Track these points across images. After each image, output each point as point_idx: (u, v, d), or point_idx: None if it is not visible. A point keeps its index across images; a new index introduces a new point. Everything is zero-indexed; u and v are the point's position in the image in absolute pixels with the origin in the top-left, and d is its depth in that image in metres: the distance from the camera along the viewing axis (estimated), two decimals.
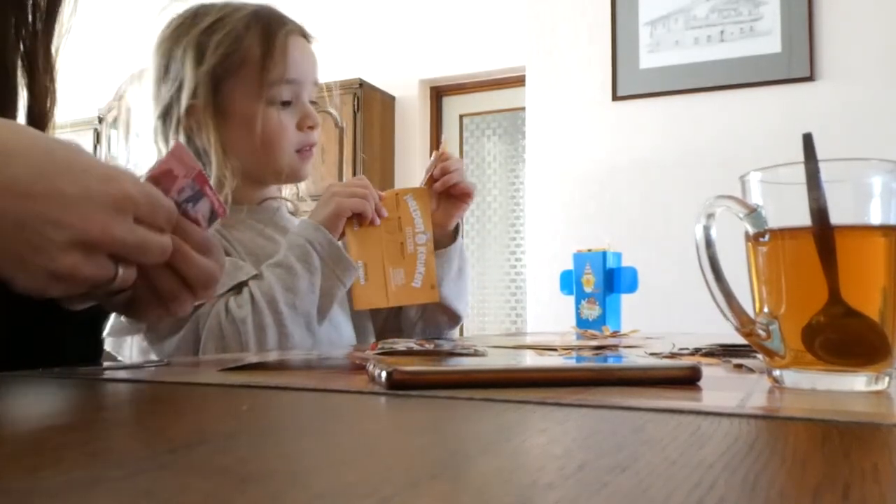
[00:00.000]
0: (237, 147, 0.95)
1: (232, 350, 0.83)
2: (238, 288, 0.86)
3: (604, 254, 1.23)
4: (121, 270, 0.47)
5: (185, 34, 0.95)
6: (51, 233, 0.42)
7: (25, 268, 0.43)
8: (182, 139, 0.94)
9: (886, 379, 0.41)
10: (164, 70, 0.96)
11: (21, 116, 0.61)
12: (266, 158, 0.97)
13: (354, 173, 3.48)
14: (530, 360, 0.59)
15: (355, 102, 3.55)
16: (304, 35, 1.01)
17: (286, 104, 0.97)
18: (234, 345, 0.83)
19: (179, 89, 0.94)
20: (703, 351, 0.65)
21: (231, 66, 0.94)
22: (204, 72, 0.93)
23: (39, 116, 0.61)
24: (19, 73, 0.60)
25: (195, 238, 0.52)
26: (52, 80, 0.62)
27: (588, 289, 1.23)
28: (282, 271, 0.87)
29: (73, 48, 0.64)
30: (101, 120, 4.38)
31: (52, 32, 0.62)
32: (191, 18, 0.97)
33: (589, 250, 1.26)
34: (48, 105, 0.62)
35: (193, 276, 0.52)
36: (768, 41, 2.35)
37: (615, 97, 2.54)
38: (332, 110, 1.13)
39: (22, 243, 0.42)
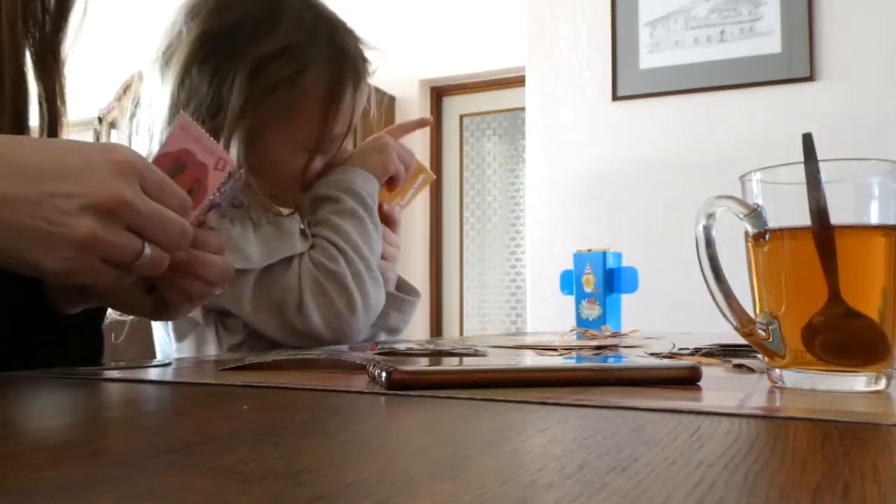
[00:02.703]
0: (258, 171, 0.85)
1: (336, 304, 0.83)
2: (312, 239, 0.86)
3: (604, 254, 1.24)
4: (147, 248, 0.48)
5: (243, 49, 0.82)
6: (62, 204, 0.44)
7: (49, 246, 0.45)
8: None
9: (886, 379, 0.41)
10: (207, 72, 0.83)
11: (33, 114, 0.61)
12: (276, 188, 0.89)
13: None
14: (530, 360, 0.59)
15: None
16: (364, 81, 0.92)
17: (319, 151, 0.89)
18: (338, 298, 0.83)
19: (226, 96, 0.82)
20: (703, 351, 0.65)
21: (283, 107, 0.84)
22: (253, 95, 0.82)
23: (52, 114, 0.62)
24: (31, 70, 0.61)
25: (212, 243, 0.56)
26: (62, 81, 0.63)
27: (588, 289, 1.23)
28: (354, 221, 0.87)
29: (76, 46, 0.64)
30: (101, 120, 4.38)
31: (61, 34, 0.62)
32: (250, 33, 0.83)
33: (589, 250, 1.27)
34: (59, 103, 0.63)
35: (214, 277, 0.55)
36: (768, 41, 2.34)
37: (615, 97, 2.54)
38: None
39: (40, 221, 0.44)
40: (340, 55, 0.88)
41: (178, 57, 0.83)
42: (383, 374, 0.40)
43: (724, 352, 0.64)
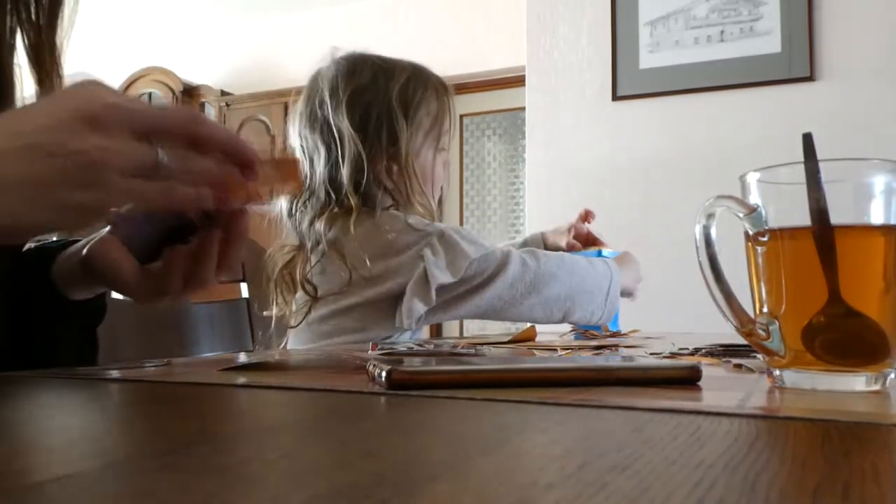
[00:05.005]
0: (416, 190, 1.10)
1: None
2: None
3: (598, 252, 1.25)
4: (160, 152, 0.43)
5: (384, 89, 1.08)
6: (55, 135, 0.40)
7: (66, 180, 0.40)
8: (374, 183, 1.07)
9: (886, 379, 0.41)
10: (365, 119, 1.06)
11: None
12: (430, 198, 1.13)
13: None
14: (530, 360, 0.59)
15: None
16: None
17: (441, 151, 1.15)
18: (523, 286, 1.03)
19: (392, 140, 1.06)
20: (703, 351, 0.65)
21: (425, 121, 1.10)
22: (412, 126, 1.08)
23: None
24: (27, 67, 0.60)
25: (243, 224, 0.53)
26: (60, 76, 0.62)
27: None
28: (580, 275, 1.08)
29: (75, 46, 0.64)
30: None
31: (56, 28, 0.62)
32: (383, 75, 1.08)
33: (586, 248, 1.28)
34: None
35: (233, 257, 0.53)
36: (768, 41, 2.34)
37: (615, 97, 2.53)
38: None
39: (43, 160, 0.39)
40: (429, 70, 1.14)
41: (339, 115, 1.07)
42: (383, 374, 0.40)
43: (724, 352, 0.64)
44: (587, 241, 1.33)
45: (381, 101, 1.07)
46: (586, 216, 1.35)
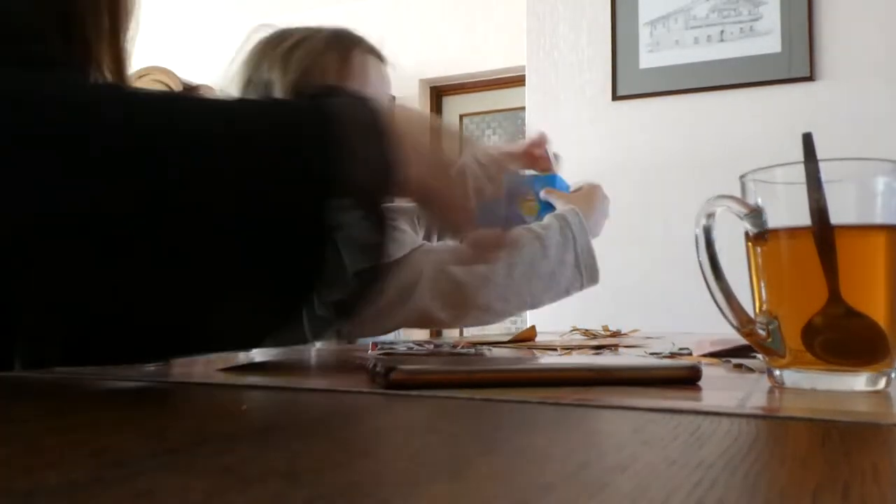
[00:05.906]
0: None
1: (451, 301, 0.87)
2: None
3: (553, 177, 1.19)
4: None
5: (271, 52, 1.04)
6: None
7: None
8: None
9: (886, 379, 0.41)
10: (248, 82, 1.03)
11: None
12: None
13: None
14: (530, 360, 0.59)
15: None
16: (378, 56, 1.07)
17: None
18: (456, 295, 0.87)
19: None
20: (704, 351, 0.65)
21: (311, 81, 1.02)
22: (287, 83, 1.00)
23: None
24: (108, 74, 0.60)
25: None
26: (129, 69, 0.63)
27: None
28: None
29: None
30: None
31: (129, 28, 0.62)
32: (277, 39, 1.06)
33: (543, 174, 1.21)
34: None
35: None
36: (768, 41, 2.34)
37: (615, 97, 2.54)
38: None
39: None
40: (344, 32, 1.08)
41: (236, 79, 1.03)
42: (383, 374, 0.40)
43: (724, 352, 0.64)
44: (538, 167, 1.21)
45: (265, 61, 1.03)
46: (540, 141, 1.20)
